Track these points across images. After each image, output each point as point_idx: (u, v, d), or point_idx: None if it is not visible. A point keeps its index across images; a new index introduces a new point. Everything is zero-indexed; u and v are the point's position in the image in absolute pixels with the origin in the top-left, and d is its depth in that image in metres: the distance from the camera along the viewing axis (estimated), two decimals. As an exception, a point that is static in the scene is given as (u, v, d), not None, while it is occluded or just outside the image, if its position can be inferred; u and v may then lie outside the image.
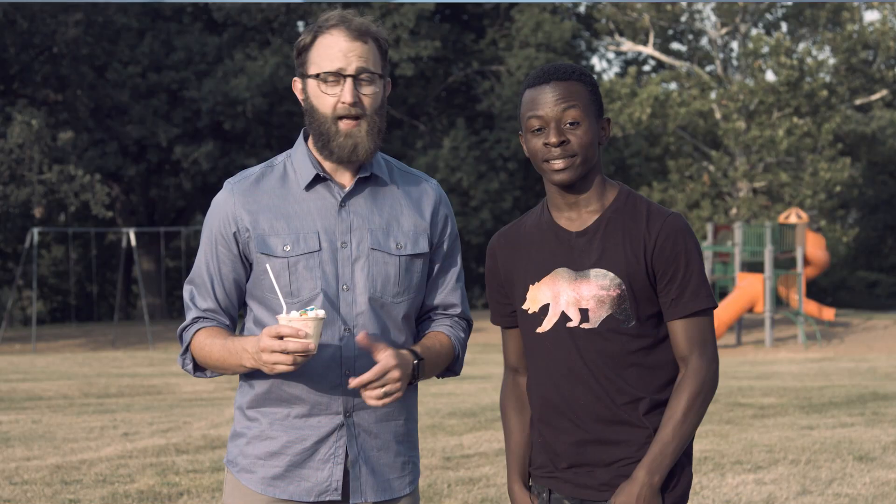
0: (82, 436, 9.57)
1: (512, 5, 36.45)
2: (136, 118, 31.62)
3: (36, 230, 25.17)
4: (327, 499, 2.84)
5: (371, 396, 2.69)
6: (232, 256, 2.86)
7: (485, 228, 32.98)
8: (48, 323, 36.32)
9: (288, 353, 2.62)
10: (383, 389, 2.69)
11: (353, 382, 2.68)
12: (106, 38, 31.68)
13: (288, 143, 33.50)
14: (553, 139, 2.64)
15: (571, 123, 2.65)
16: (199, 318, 2.88)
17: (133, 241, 26.64)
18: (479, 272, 36.59)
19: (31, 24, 29.50)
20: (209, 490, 7.03)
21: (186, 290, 2.92)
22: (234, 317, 2.94)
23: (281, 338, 2.63)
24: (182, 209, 36.70)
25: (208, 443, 9.01)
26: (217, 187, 33.60)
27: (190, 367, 2.91)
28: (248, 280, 2.89)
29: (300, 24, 36.17)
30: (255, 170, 2.91)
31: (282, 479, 2.85)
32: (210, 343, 2.82)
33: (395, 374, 2.69)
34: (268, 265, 2.79)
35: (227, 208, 2.86)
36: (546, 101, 2.65)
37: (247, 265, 2.87)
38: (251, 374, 2.87)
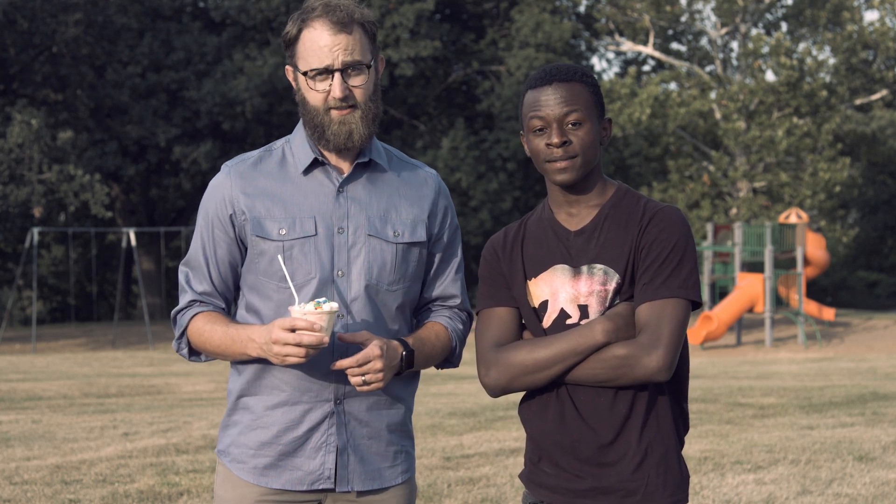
0: (82, 436, 9.57)
1: (512, 5, 36.45)
2: (136, 118, 31.63)
3: (36, 230, 25.17)
4: (320, 487, 2.84)
5: (353, 382, 2.73)
6: (228, 239, 2.85)
7: (484, 229, 32.98)
8: (48, 323, 36.31)
9: (302, 346, 2.63)
10: (363, 378, 2.71)
11: (335, 365, 2.72)
12: (106, 38, 31.68)
13: (288, 143, 33.50)
14: (555, 139, 2.65)
15: (573, 124, 2.66)
16: (195, 301, 2.87)
17: (133, 241, 26.64)
18: (475, 273, 36.55)
19: (31, 24, 29.49)
20: (209, 490, 7.03)
21: (182, 272, 2.91)
22: (230, 300, 2.93)
23: (293, 330, 2.63)
24: (182, 209, 36.70)
25: (208, 443, 9.01)
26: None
27: (185, 351, 2.91)
28: (243, 264, 2.88)
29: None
30: (254, 153, 2.90)
31: (274, 468, 2.84)
32: (210, 329, 2.82)
33: (377, 364, 2.71)
34: (279, 257, 2.78)
35: (224, 191, 2.85)
36: (548, 102, 2.65)
37: (243, 249, 2.86)
38: (244, 361, 2.86)
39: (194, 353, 2.92)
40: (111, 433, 9.72)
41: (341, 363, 2.71)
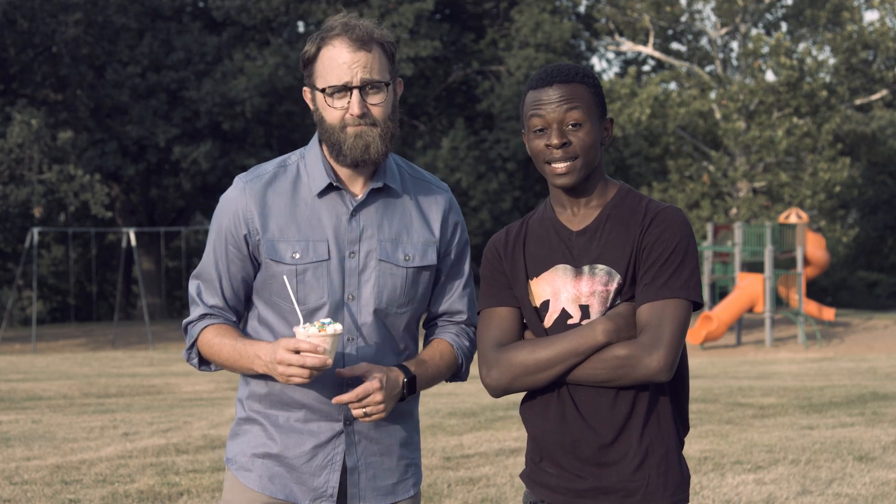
0: (82, 436, 9.57)
1: (512, 5, 36.45)
2: (136, 118, 31.62)
3: (36, 230, 25.16)
4: None
5: (355, 415, 2.77)
6: (241, 256, 2.86)
7: (484, 229, 32.98)
8: (48, 323, 36.31)
9: (306, 367, 2.64)
10: (363, 410, 2.74)
11: (335, 400, 2.75)
12: (105, 38, 31.68)
13: (287, 143, 33.53)
14: (555, 140, 2.64)
15: (574, 125, 2.65)
16: (206, 314, 2.89)
17: (133, 241, 26.64)
18: (478, 272, 36.51)
19: (31, 23, 29.49)
20: (209, 490, 7.03)
21: (193, 283, 2.92)
22: (241, 312, 2.96)
23: (298, 352, 2.65)
24: (182, 209, 36.70)
25: (208, 443, 9.01)
26: (217, 187, 33.71)
27: (195, 361, 2.93)
28: (255, 277, 2.89)
29: (300, 24, 36.15)
30: (269, 169, 2.89)
31: (280, 478, 2.87)
32: (219, 343, 2.84)
33: (377, 396, 2.74)
34: (285, 277, 2.80)
35: (239, 208, 2.85)
36: (549, 103, 2.65)
37: (256, 265, 2.87)
38: (255, 375, 2.89)
39: (204, 362, 2.94)
40: (111, 433, 9.71)
41: (341, 398, 2.74)
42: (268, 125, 33.17)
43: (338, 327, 2.67)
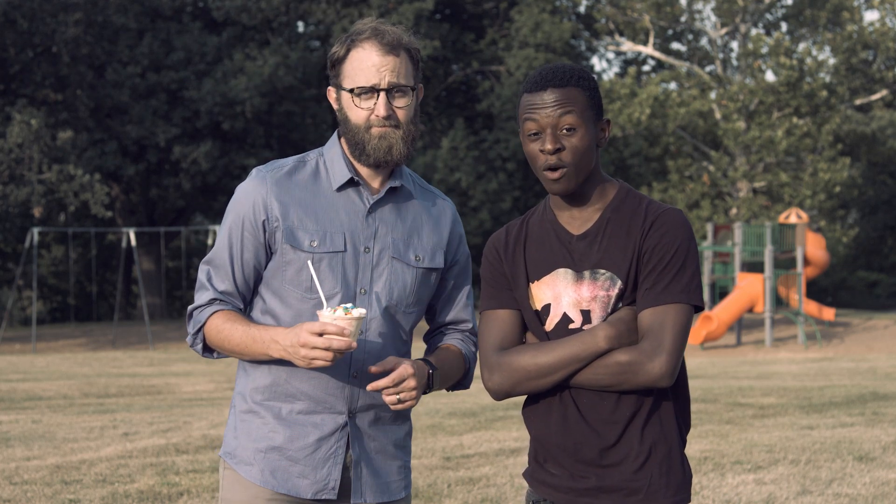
0: (82, 436, 9.57)
1: (512, 5, 36.45)
2: (136, 118, 31.62)
3: (36, 230, 25.17)
4: (323, 497, 2.86)
5: (387, 402, 2.77)
6: (256, 244, 2.89)
7: (483, 229, 32.97)
8: (48, 323, 36.30)
9: (331, 350, 2.66)
10: (398, 396, 2.76)
11: (370, 386, 2.76)
12: (105, 38, 31.68)
13: (287, 143, 33.54)
14: (549, 146, 2.64)
15: (567, 129, 2.64)
16: (215, 299, 2.90)
17: (133, 241, 26.64)
18: (476, 273, 36.49)
19: (31, 23, 29.49)
20: (209, 490, 7.03)
21: (203, 269, 2.94)
22: (248, 301, 2.97)
23: (321, 335, 2.67)
24: (182, 209, 36.69)
25: (208, 443, 9.01)
26: (217, 187, 33.74)
27: (199, 347, 2.94)
28: (265, 268, 2.91)
29: (300, 23, 36.14)
30: (288, 162, 2.95)
31: (282, 471, 2.87)
32: (229, 328, 2.85)
33: (412, 382, 2.76)
34: (309, 262, 2.83)
35: (259, 195, 2.88)
36: (543, 107, 2.64)
37: (269, 254, 2.90)
38: (256, 366, 2.90)
39: (208, 349, 2.95)
40: (111, 433, 9.72)
41: (377, 384, 2.75)
42: (268, 125, 33.17)
43: (362, 311, 2.69)
